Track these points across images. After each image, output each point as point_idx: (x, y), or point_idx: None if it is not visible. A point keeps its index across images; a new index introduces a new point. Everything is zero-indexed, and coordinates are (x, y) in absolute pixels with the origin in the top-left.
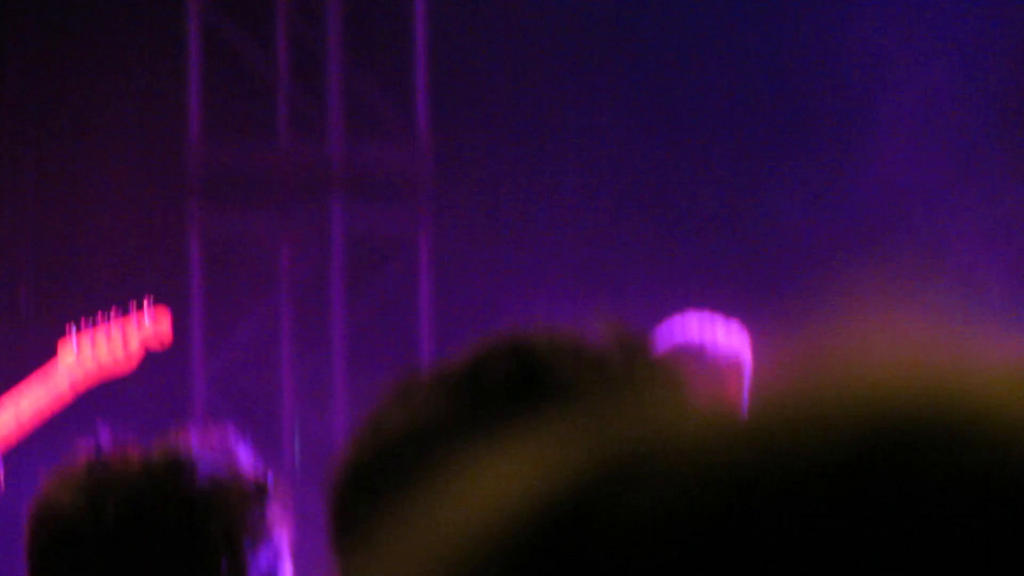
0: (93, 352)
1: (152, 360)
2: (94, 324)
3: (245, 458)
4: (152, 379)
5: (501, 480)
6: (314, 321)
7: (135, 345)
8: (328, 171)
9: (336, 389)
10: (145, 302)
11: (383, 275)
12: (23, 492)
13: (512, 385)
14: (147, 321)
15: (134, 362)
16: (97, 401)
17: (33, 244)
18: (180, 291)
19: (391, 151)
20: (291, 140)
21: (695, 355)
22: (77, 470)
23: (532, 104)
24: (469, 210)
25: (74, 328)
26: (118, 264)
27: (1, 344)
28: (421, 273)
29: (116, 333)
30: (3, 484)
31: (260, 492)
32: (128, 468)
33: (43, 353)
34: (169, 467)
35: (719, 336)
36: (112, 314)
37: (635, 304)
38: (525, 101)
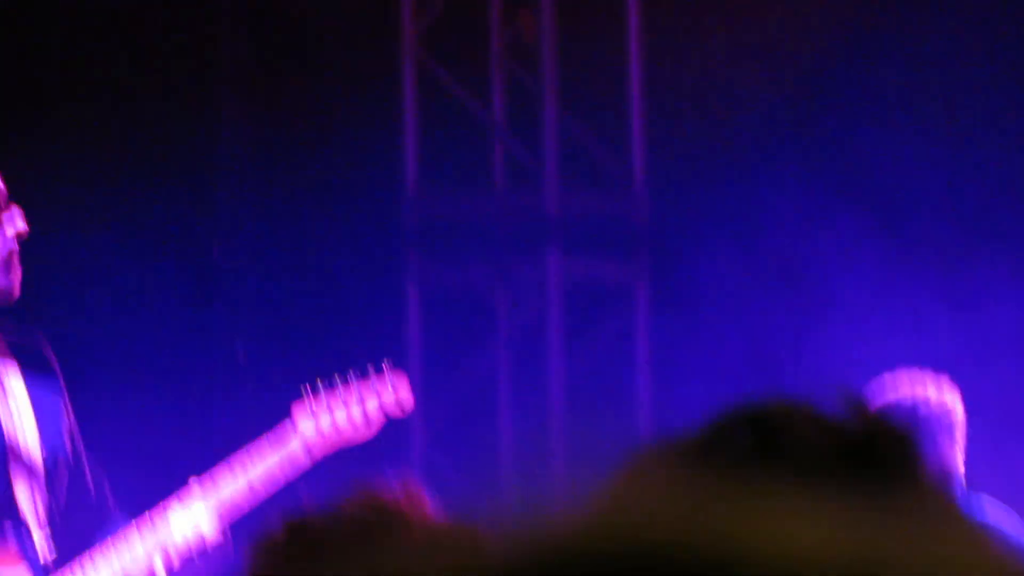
0: (331, 417)
1: None
2: (331, 387)
3: None
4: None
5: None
6: (532, 373)
7: (374, 411)
8: (544, 221)
9: (554, 442)
10: (384, 366)
11: (601, 326)
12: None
13: (753, 455)
14: (387, 386)
15: (373, 429)
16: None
17: (251, 298)
18: (398, 342)
19: (608, 200)
20: (507, 189)
21: (908, 413)
22: (281, 537)
23: (748, 150)
24: (688, 259)
25: (310, 391)
26: (337, 317)
27: (219, 399)
28: (638, 324)
29: (354, 398)
30: (231, 551)
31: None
32: (338, 529)
33: (261, 408)
34: (383, 521)
35: (931, 393)
36: (350, 377)
37: (851, 358)
38: (741, 147)
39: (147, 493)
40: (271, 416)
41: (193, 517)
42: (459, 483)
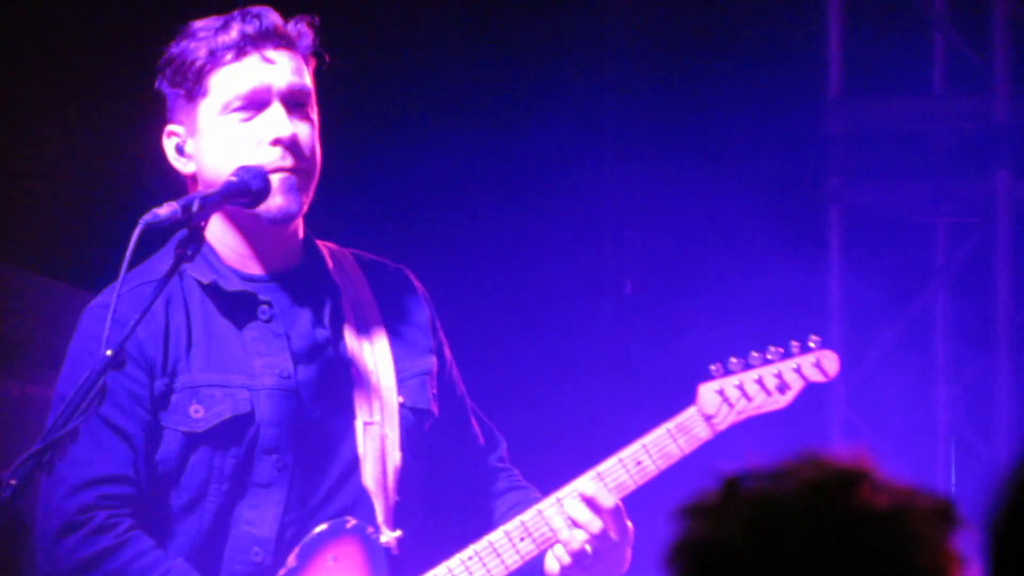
0: (741, 392)
1: None
2: (745, 364)
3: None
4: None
5: None
6: (976, 319)
7: (795, 387)
8: (992, 132)
9: (1001, 401)
10: (812, 341)
11: None
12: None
13: None
14: (811, 365)
15: (788, 401)
16: None
17: (641, 232)
18: (816, 273)
19: None
20: (948, 95)
21: None
22: (720, 499)
23: None
24: None
25: (721, 368)
26: (746, 243)
27: (606, 337)
28: None
29: (772, 375)
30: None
31: (948, 517)
32: (784, 489)
33: (652, 346)
34: (842, 482)
35: None
36: (768, 354)
37: None
38: None
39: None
40: (664, 366)
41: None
42: (887, 452)
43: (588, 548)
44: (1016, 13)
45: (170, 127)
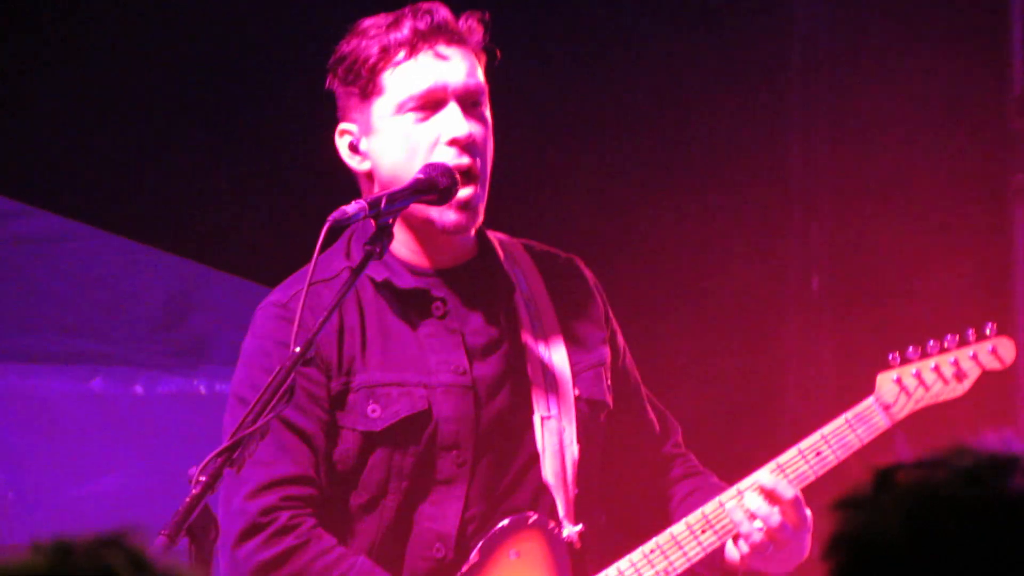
0: (919, 381)
1: None
2: (922, 352)
3: None
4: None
5: None
6: None
7: (972, 375)
8: None
9: None
10: (988, 329)
11: None
12: None
13: None
14: (988, 352)
15: (965, 389)
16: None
17: (828, 227)
18: (1002, 278)
19: None
20: None
21: None
22: (875, 491)
23: None
24: None
25: (898, 357)
26: (923, 244)
27: (794, 336)
28: None
29: (948, 363)
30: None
31: None
32: (938, 478)
33: (838, 343)
34: (995, 469)
35: None
36: (945, 342)
37: None
38: None
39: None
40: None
41: (762, 502)
42: None
43: (768, 539)
44: None
45: (343, 125)
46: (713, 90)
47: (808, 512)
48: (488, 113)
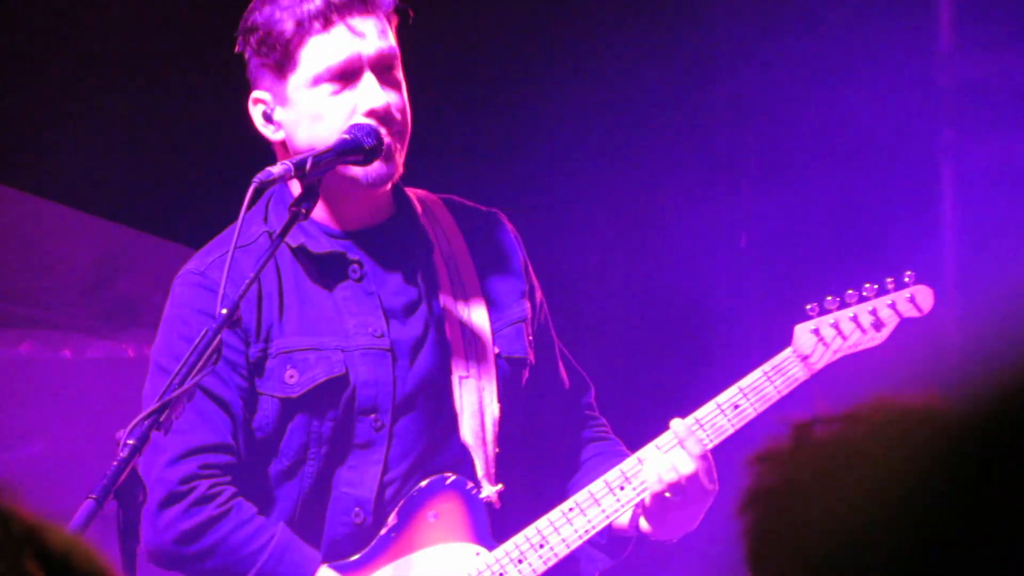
0: (837, 331)
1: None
2: (840, 302)
3: None
4: (893, 344)
5: None
6: None
7: (888, 318)
8: None
9: None
10: (907, 277)
11: None
12: None
13: None
14: (905, 300)
15: (884, 337)
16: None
17: (757, 184)
18: (929, 231)
19: None
20: None
21: None
22: (790, 446)
23: None
24: None
25: (817, 308)
26: (856, 199)
27: (724, 291)
28: None
29: (866, 312)
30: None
31: None
32: (855, 433)
33: (766, 299)
34: (911, 424)
35: None
36: (864, 291)
37: None
38: None
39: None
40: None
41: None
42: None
43: (678, 495)
44: None
45: (257, 94)
46: (643, 46)
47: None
48: (401, 74)
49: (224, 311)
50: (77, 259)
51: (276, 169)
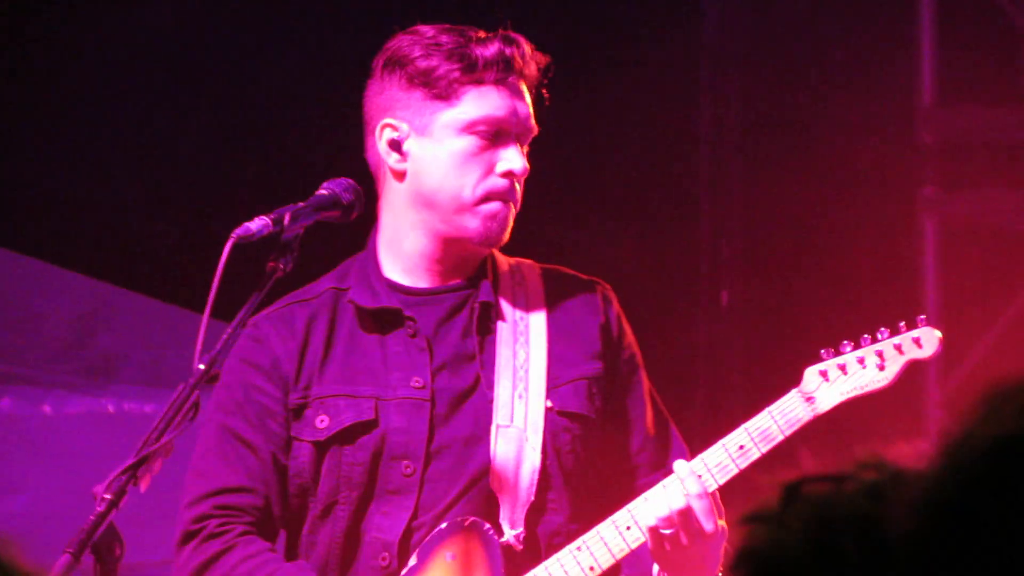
0: (841, 375)
1: None
2: (854, 347)
3: None
4: (876, 398)
5: None
6: None
7: (894, 364)
8: None
9: None
10: (920, 321)
11: None
12: None
13: None
14: (911, 340)
15: (890, 379)
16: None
17: (740, 237)
18: (912, 284)
19: None
20: None
21: None
22: (779, 505)
23: None
24: None
25: (831, 352)
26: (840, 255)
27: (704, 350)
28: None
29: (872, 353)
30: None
31: None
32: (843, 492)
33: (748, 358)
34: (898, 482)
35: None
36: (878, 335)
37: None
38: None
39: None
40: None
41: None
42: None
43: (674, 528)
44: None
45: (390, 119)
46: (624, 107)
47: (723, 522)
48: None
49: (202, 366)
50: (57, 315)
51: (254, 225)
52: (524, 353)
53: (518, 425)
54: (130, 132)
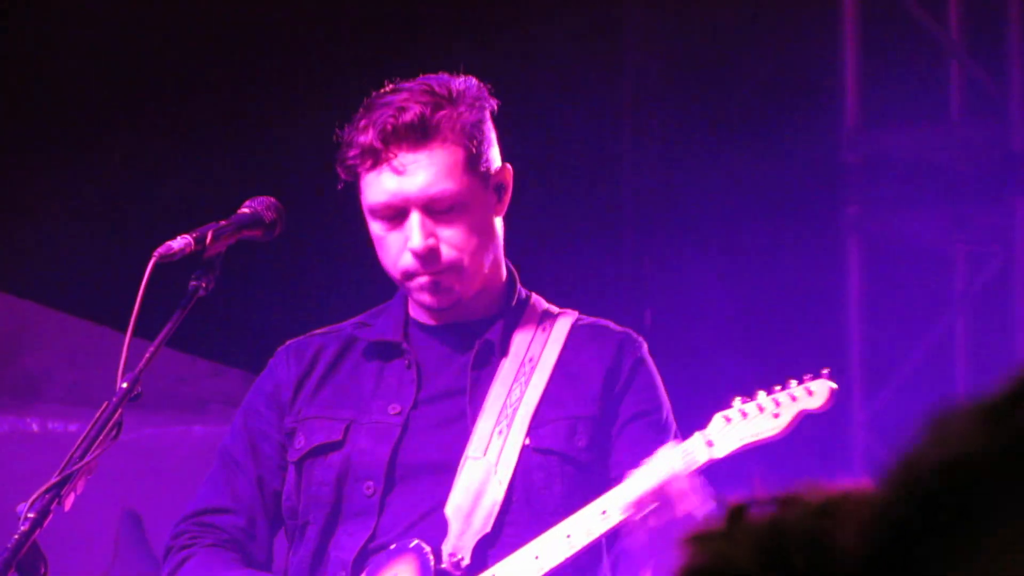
0: (742, 420)
1: None
2: (762, 393)
3: None
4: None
5: None
6: (996, 345)
7: (788, 413)
8: (1010, 159)
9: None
10: (807, 378)
11: None
12: None
13: None
14: (804, 391)
15: (782, 428)
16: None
17: (663, 256)
18: (835, 303)
19: None
20: (965, 122)
21: None
22: (726, 525)
23: None
24: None
25: (744, 399)
26: (765, 272)
27: None
28: None
29: (770, 401)
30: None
31: None
32: (797, 513)
33: (670, 378)
34: (846, 501)
35: None
36: (789, 384)
37: None
38: None
39: None
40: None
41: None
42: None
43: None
44: None
45: None
46: (547, 129)
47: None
48: (470, 208)
49: (124, 385)
50: None
51: (176, 243)
52: (519, 392)
53: (490, 459)
54: (51, 150)
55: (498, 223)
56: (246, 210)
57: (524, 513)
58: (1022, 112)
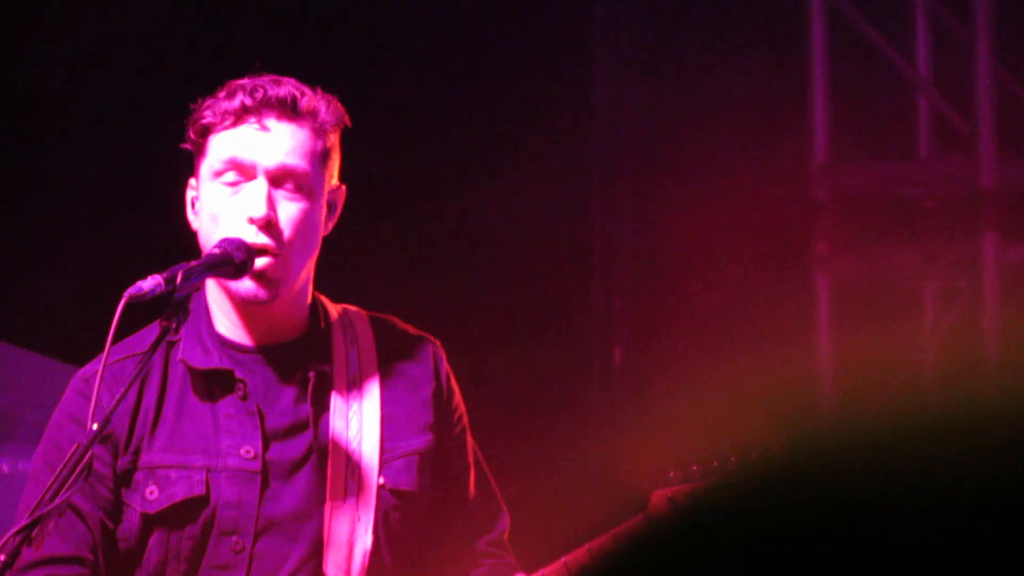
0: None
1: None
2: (703, 472)
3: None
4: None
5: None
6: (966, 381)
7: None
8: (978, 195)
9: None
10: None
11: None
12: None
13: None
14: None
15: None
16: None
17: (633, 295)
18: (805, 339)
19: None
20: (934, 158)
21: None
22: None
23: None
24: None
25: (680, 475)
26: (736, 309)
27: (597, 406)
28: None
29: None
30: None
31: None
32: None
33: (640, 415)
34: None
35: None
36: (729, 463)
37: None
38: None
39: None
40: (648, 439)
41: None
42: None
43: None
44: (1000, 76)
45: (192, 180)
46: (515, 161)
47: None
48: (313, 195)
49: (96, 426)
50: None
51: (147, 283)
52: (357, 423)
53: (350, 505)
54: (22, 188)
55: (319, 239)
56: (216, 250)
57: (390, 556)
58: (991, 148)
